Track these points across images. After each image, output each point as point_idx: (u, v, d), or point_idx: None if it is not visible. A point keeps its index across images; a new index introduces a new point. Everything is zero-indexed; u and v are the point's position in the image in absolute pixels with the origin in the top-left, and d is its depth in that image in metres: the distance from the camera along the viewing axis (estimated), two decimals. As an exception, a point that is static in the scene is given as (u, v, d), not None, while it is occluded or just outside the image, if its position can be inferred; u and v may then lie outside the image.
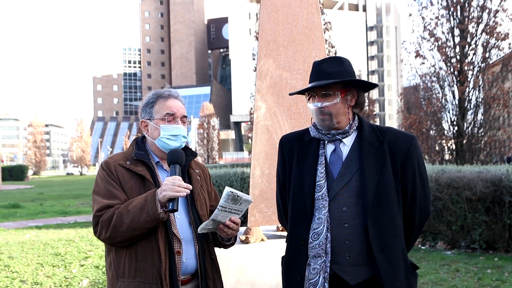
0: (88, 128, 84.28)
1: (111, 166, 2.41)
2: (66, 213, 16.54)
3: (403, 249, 2.24)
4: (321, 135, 2.33)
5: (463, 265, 6.95)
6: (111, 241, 2.31)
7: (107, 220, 2.27)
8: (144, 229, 2.26)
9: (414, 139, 2.34)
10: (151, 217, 2.23)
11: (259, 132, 4.48)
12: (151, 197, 2.26)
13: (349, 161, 2.27)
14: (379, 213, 2.18)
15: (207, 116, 61.27)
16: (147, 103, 2.52)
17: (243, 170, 11.65)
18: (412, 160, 2.29)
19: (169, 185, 2.24)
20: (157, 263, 2.28)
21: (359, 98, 2.33)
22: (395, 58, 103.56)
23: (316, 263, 2.20)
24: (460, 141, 14.74)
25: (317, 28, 4.61)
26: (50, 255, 8.30)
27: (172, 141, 2.44)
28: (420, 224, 2.36)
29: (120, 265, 2.33)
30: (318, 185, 2.26)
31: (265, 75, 4.53)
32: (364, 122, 2.36)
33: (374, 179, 2.20)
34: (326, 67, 2.29)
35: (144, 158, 2.44)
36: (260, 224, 4.43)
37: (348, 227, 2.20)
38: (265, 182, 4.42)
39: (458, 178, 7.94)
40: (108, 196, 2.34)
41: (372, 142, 2.28)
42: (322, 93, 2.27)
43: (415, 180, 2.29)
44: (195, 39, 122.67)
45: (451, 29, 15.24)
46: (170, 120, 2.46)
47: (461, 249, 8.07)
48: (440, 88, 15.53)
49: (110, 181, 2.37)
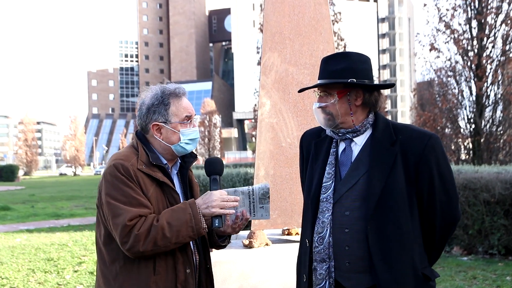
0: (82, 126, 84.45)
1: (130, 171, 2.27)
2: (59, 216, 16.57)
3: (413, 259, 2.19)
4: (333, 133, 2.34)
5: (480, 272, 6.93)
6: (141, 254, 2.23)
7: (145, 232, 2.19)
8: (183, 243, 2.29)
9: (434, 139, 2.25)
10: (195, 232, 2.25)
11: (263, 130, 4.48)
12: (194, 210, 2.26)
13: (358, 162, 2.26)
14: (382, 219, 2.16)
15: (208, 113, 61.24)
16: (160, 102, 2.40)
17: (246, 170, 11.67)
18: (428, 163, 2.21)
19: (218, 201, 2.27)
20: (180, 276, 2.31)
21: (366, 97, 2.28)
22: (408, 52, 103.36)
23: (321, 268, 2.24)
24: (477, 140, 14.70)
25: (325, 19, 4.60)
26: (42, 260, 8.33)
27: (189, 145, 2.43)
28: (444, 231, 2.30)
29: (132, 277, 2.28)
30: (324, 186, 2.29)
31: (270, 70, 4.53)
32: (380, 120, 2.32)
33: (381, 182, 2.18)
34: (329, 64, 2.30)
35: (161, 163, 2.38)
36: (264, 227, 4.43)
37: (348, 232, 2.20)
38: (269, 183, 4.42)
39: (475, 179, 7.92)
40: (136, 204, 2.24)
41: (383, 142, 2.25)
42: (322, 92, 2.31)
43: (433, 184, 2.22)
44: (196, 32, 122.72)
45: (469, 20, 15.18)
46: (189, 122, 2.43)
47: (478, 254, 8.05)
48: (456, 84, 15.49)
49: (132, 186, 2.26)
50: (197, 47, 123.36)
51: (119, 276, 2.28)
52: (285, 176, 4.43)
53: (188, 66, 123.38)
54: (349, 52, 2.36)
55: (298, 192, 4.36)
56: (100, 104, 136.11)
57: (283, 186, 4.43)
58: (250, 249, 4.28)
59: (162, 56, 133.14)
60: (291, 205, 4.40)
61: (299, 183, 4.35)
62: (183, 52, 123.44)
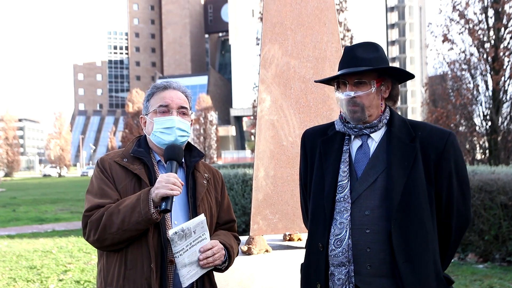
0: (67, 123, 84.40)
1: (106, 163, 2.49)
2: (43, 221, 16.59)
3: (435, 261, 2.23)
4: (347, 128, 2.35)
5: (497, 281, 6.94)
6: (100, 244, 2.37)
7: (96, 220, 2.34)
8: (135, 231, 2.31)
9: (453, 136, 2.32)
10: (142, 217, 2.28)
11: (263, 128, 4.48)
12: (144, 196, 2.32)
13: (375, 159, 2.29)
14: (406, 218, 2.18)
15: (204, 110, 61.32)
16: (145, 97, 2.65)
17: (244, 171, 11.67)
18: (448, 160, 2.28)
19: (162, 182, 2.30)
20: (146, 272, 2.32)
21: (394, 89, 2.36)
22: (419, 43, 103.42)
23: (340, 272, 2.23)
24: (494, 138, 14.72)
25: (329, 9, 4.60)
26: (24, 268, 8.33)
27: (166, 135, 2.50)
28: (458, 232, 2.36)
29: (110, 272, 2.40)
30: (340, 185, 2.30)
31: (270, 63, 4.54)
32: (395, 116, 2.37)
33: (402, 180, 2.21)
34: (360, 52, 2.31)
35: (143, 155, 2.51)
36: (264, 232, 4.44)
37: (370, 233, 2.21)
38: (270, 185, 4.42)
39: (491, 180, 7.93)
40: (101, 195, 2.41)
41: (402, 138, 2.29)
42: (355, 81, 2.29)
43: (451, 183, 2.29)
44: (190, 22, 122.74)
45: (485, 9, 15.20)
46: (164, 111, 2.53)
47: (495, 262, 8.06)
48: (471, 78, 15.51)
49: (104, 179, 2.45)
50: (191, 38, 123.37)
51: (102, 271, 2.45)
52: (287, 177, 4.43)
53: (182, 59, 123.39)
54: (373, 42, 2.39)
55: (301, 195, 4.36)
56: (87, 100, 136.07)
57: (284, 188, 4.43)
58: (249, 256, 4.29)
59: (154, 48, 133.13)
60: (293, 209, 4.40)
61: (301, 185, 4.38)
62: (177, 44, 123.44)
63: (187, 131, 2.55)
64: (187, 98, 2.62)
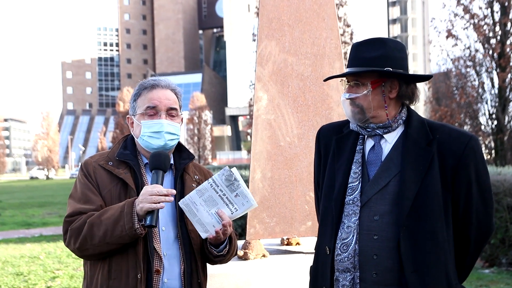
0: (55, 123, 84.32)
1: (90, 167, 2.47)
2: (30, 225, 16.57)
3: (447, 272, 2.19)
4: (360, 128, 2.32)
5: (504, 286, 6.96)
6: (81, 253, 2.37)
7: (76, 228, 2.32)
8: (118, 244, 2.30)
9: (474, 140, 2.26)
10: (126, 232, 2.26)
11: (259, 128, 4.49)
12: (128, 208, 2.28)
13: (388, 162, 2.25)
14: (417, 226, 2.15)
15: (198, 109, 61.28)
16: (132, 95, 2.59)
17: (240, 172, 11.62)
18: (467, 166, 2.22)
19: (146, 195, 2.27)
20: (132, 282, 2.31)
21: (402, 89, 2.28)
22: (422, 39, 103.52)
23: (345, 279, 2.22)
24: (500, 138, 14.75)
25: (328, 3, 4.61)
26: (10, 275, 8.31)
27: (154, 139, 2.46)
28: (478, 244, 2.31)
29: (93, 281, 2.38)
30: (350, 187, 2.28)
31: (266, 60, 4.54)
32: (413, 116, 2.33)
33: (415, 185, 2.17)
34: (363, 51, 2.28)
35: (129, 159, 2.47)
36: (261, 237, 4.44)
37: (378, 239, 2.19)
38: (267, 187, 4.43)
39: (497, 182, 7.94)
40: (84, 200, 2.39)
41: (418, 141, 2.24)
42: (353, 82, 2.29)
43: (470, 190, 2.24)
44: (184, 17, 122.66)
45: (490, 4, 15.24)
46: (152, 114, 2.48)
47: (501, 267, 8.08)
48: (477, 75, 15.55)
49: (87, 183, 2.43)
50: (185, 34, 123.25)
51: (85, 279, 2.45)
52: (284, 179, 4.44)
53: (175, 56, 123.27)
54: (384, 37, 2.35)
55: (299, 197, 4.37)
56: (76, 99, 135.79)
57: (281, 190, 4.43)
58: (245, 261, 4.28)
59: (146, 45, 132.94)
60: (291, 212, 4.41)
61: (299, 187, 4.38)
62: (170, 40, 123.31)
63: (177, 134, 2.52)
64: (177, 97, 2.58)
